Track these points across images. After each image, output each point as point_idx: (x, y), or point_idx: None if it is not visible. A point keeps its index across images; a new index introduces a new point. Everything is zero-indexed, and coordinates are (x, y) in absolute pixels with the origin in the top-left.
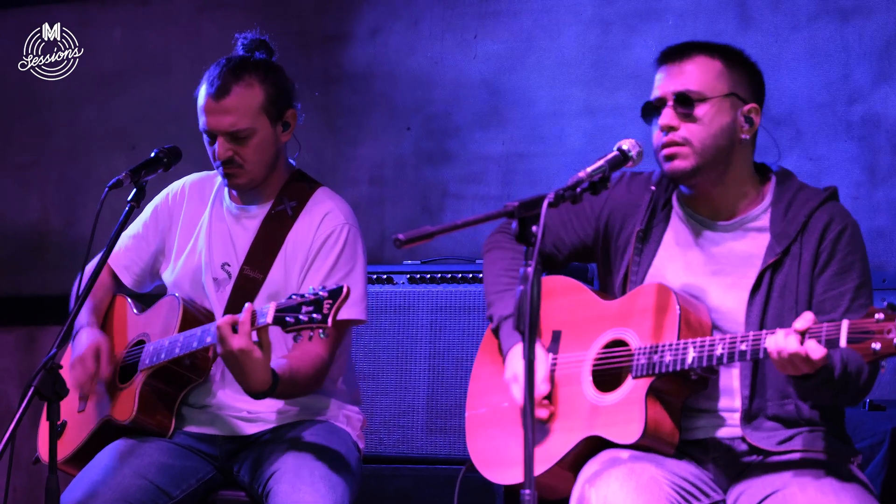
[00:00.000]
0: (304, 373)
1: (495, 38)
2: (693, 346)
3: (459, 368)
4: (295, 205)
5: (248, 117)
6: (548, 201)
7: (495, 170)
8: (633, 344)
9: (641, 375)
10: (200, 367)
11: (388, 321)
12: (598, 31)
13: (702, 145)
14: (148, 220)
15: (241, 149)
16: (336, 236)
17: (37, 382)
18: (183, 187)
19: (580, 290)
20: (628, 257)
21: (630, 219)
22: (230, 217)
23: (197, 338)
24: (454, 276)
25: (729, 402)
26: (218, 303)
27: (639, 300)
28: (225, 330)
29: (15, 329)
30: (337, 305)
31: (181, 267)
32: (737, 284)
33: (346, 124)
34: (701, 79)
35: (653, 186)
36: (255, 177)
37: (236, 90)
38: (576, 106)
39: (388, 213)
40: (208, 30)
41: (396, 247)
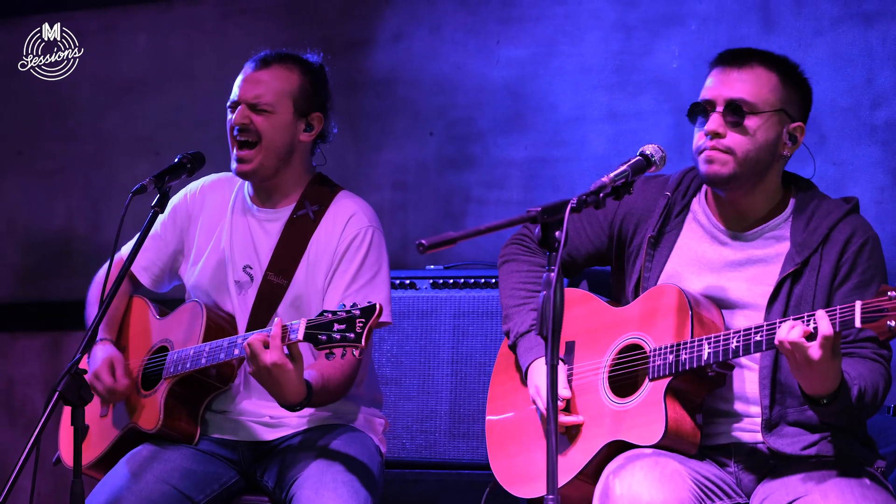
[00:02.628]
0: (336, 380)
1: (518, 43)
2: (707, 342)
3: (482, 373)
4: (317, 209)
5: (275, 95)
6: (571, 206)
7: (518, 175)
8: (647, 347)
9: (659, 377)
10: (226, 375)
11: (411, 326)
12: (620, 36)
13: (745, 157)
14: (166, 220)
15: (258, 119)
16: (361, 239)
17: (62, 387)
18: (202, 187)
19: (590, 299)
20: (640, 263)
21: (643, 224)
22: (252, 219)
23: (224, 350)
24: (477, 281)
25: (749, 408)
26: (240, 307)
27: (650, 303)
28: (256, 346)
29: (40, 335)
30: (370, 325)
31: (202, 267)
32: (754, 292)
33: (369, 129)
34: (756, 90)
35: (668, 192)
36: (265, 161)
37: (275, 67)
38: (598, 111)
39: (411, 219)
40: (233, 35)
41: (419, 252)
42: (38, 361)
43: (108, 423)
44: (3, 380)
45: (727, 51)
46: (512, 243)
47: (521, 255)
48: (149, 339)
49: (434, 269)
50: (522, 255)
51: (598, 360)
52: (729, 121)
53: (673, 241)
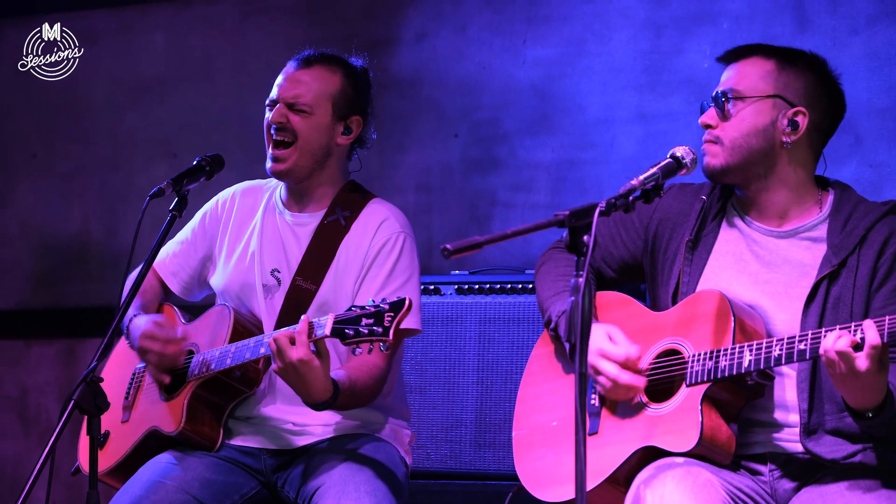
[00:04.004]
0: (364, 383)
1: (545, 42)
2: (749, 348)
3: (509, 382)
4: (348, 215)
5: (314, 96)
6: (599, 210)
7: (545, 177)
8: (686, 352)
9: (696, 382)
10: (251, 379)
11: (436, 333)
12: (650, 36)
13: (732, 144)
14: (197, 226)
15: (295, 119)
16: (392, 244)
17: (77, 396)
18: (234, 194)
19: (629, 303)
20: (678, 268)
21: (679, 228)
22: (283, 223)
23: (250, 349)
24: (503, 286)
25: (787, 416)
26: (267, 311)
27: (691, 308)
28: (282, 342)
29: (55, 341)
30: (399, 318)
31: (231, 271)
32: (791, 295)
33: (393, 131)
34: (745, 78)
35: (704, 196)
36: (300, 161)
37: (317, 68)
38: (628, 112)
39: (436, 222)
40: (253, 35)
41: (444, 257)
42: (52, 369)
43: (130, 429)
44: (17, 388)
45: (734, 47)
46: (550, 248)
47: (558, 254)
48: None
49: (459, 275)
50: (560, 254)
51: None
52: (717, 111)
53: (711, 244)
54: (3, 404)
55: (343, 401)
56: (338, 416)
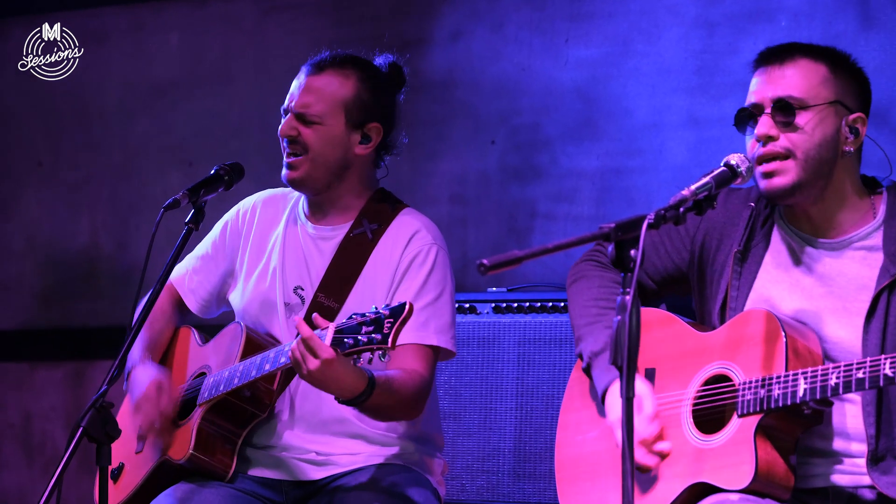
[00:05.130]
0: (402, 382)
1: (588, 42)
2: (804, 376)
3: (550, 407)
4: (376, 227)
5: (324, 105)
6: (648, 222)
7: (589, 187)
8: (736, 379)
9: (748, 413)
10: (262, 401)
11: (471, 355)
12: (702, 34)
13: (805, 156)
14: (217, 238)
15: (305, 131)
16: (424, 256)
17: (85, 423)
18: (255, 204)
19: (673, 322)
20: (726, 281)
21: (727, 239)
22: (305, 237)
23: (256, 365)
24: (544, 305)
25: (850, 445)
26: (288, 331)
27: (740, 330)
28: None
29: (62, 364)
30: (398, 325)
31: (252, 289)
32: (849, 309)
33: (425, 137)
34: (804, 84)
35: (752, 203)
36: (313, 173)
37: (329, 73)
38: (678, 116)
39: (471, 236)
40: (274, 35)
41: (480, 273)
42: (59, 393)
43: (144, 459)
44: (21, 414)
45: (767, 49)
46: (583, 261)
47: (592, 270)
48: (188, 367)
49: (496, 292)
50: (594, 271)
51: (682, 392)
52: (779, 121)
53: (760, 255)
54: (6, 431)
55: (379, 399)
56: (366, 445)
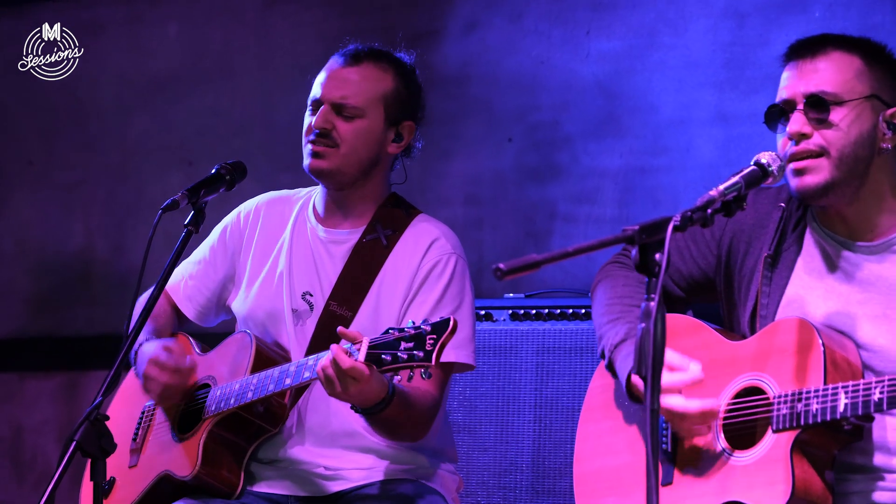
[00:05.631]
0: (417, 400)
1: (611, 33)
2: (844, 391)
3: (570, 420)
4: (390, 234)
5: (365, 98)
6: (674, 224)
7: (612, 187)
8: (770, 391)
9: (784, 428)
10: (276, 415)
11: (487, 365)
12: (731, 25)
13: (840, 154)
14: (216, 243)
15: (342, 125)
16: (443, 266)
17: (79, 436)
18: (258, 206)
19: (702, 329)
20: (756, 287)
21: (756, 243)
22: (315, 240)
23: (274, 380)
24: (564, 311)
25: (893, 459)
26: (296, 339)
27: (773, 339)
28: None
29: (55, 374)
30: (442, 341)
31: (255, 295)
32: (891, 317)
33: (438, 135)
34: (837, 78)
35: (782, 203)
36: (344, 167)
37: (368, 65)
38: (706, 112)
39: (487, 239)
40: (278, 27)
41: (497, 278)
42: (51, 406)
43: (139, 474)
44: (10, 427)
45: (797, 42)
46: (609, 263)
47: (617, 270)
48: None
49: (513, 298)
50: (619, 271)
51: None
52: (812, 118)
53: (792, 259)
54: None
55: (395, 410)
56: (377, 460)
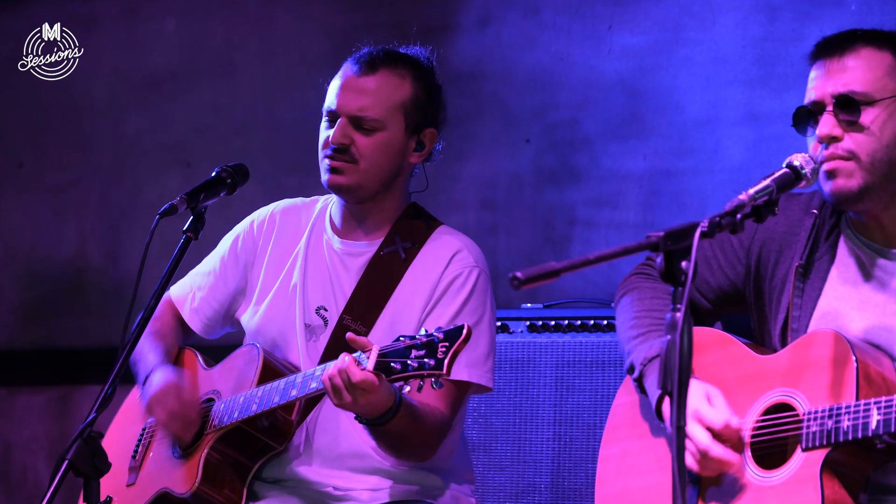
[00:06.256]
0: (425, 416)
1: (635, 28)
2: (877, 407)
3: (591, 437)
4: (410, 246)
5: (384, 108)
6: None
7: (635, 191)
8: (800, 408)
9: (814, 446)
10: (282, 431)
11: (504, 380)
12: (762, 19)
13: (871, 159)
14: (226, 253)
15: (362, 139)
16: (464, 279)
17: (72, 455)
18: (272, 214)
19: (730, 343)
20: (787, 299)
21: (787, 251)
22: (331, 253)
23: (279, 391)
24: (584, 323)
25: None
26: (307, 355)
27: (805, 353)
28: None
29: (45, 389)
30: (455, 349)
31: (266, 308)
32: None
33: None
34: (868, 76)
35: (814, 210)
36: (364, 183)
37: (384, 73)
38: (735, 111)
39: (502, 245)
40: (282, 21)
41: (513, 287)
42: (42, 422)
43: (137, 492)
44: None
45: (824, 39)
46: (632, 274)
47: (643, 281)
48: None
49: (531, 309)
50: (645, 282)
51: (739, 421)
52: (842, 119)
53: (825, 269)
54: None
55: (402, 422)
56: (387, 481)
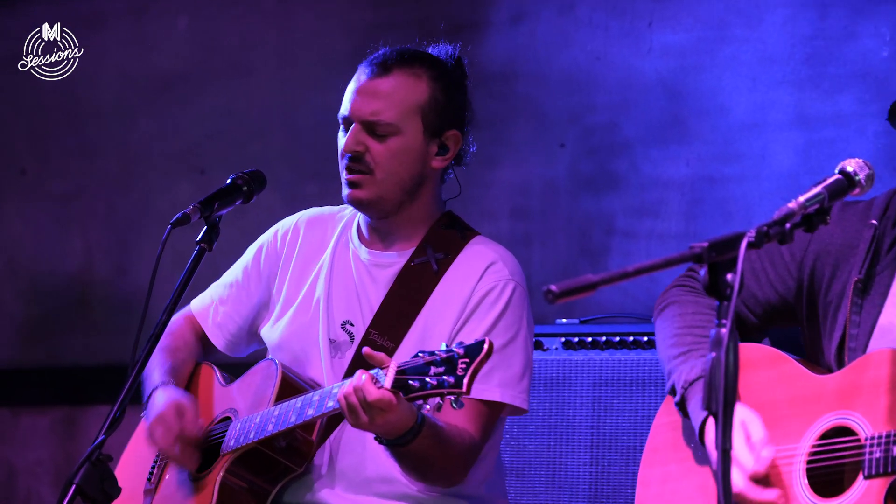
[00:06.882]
0: (451, 437)
1: (676, 25)
2: None
3: (630, 461)
4: (442, 257)
5: (398, 111)
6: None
7: (677, 199)
8: (861, 432)
9: (877, 474)
10: (301, 452)
11: (538, 400)
12: (812, 16)
13: None
14: (250, 264)
15: (376, 146)
16: (498, 293)
17: (79, 479)
18: (297, 224)
19: (783, 361)
20: (844, 316)
21: (844, 265)
22: (357, 264)
23: (296, 410)
24: (623, 339)
25: None
26: (332, 372)
27: (864, 373)
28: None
29: (50, 410)
30: (475, 366)
31: (289, 322)
32: None
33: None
34: None
35: (874, 220)
36: (384, 194)
37: (398, 74)
38: (784, 114)
39: (536, 257)
40: (301, 18)
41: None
42: (46, 445)
43: None
44: (2, 469)
45: None
46: (672, 286)
47: (684, 295)
48: (212, 411)
49: (566, 324)
50: (687, 296)
51: (793, 446)
52: None
53: (886, 284)
54: None
55: (425, 444)
56: None
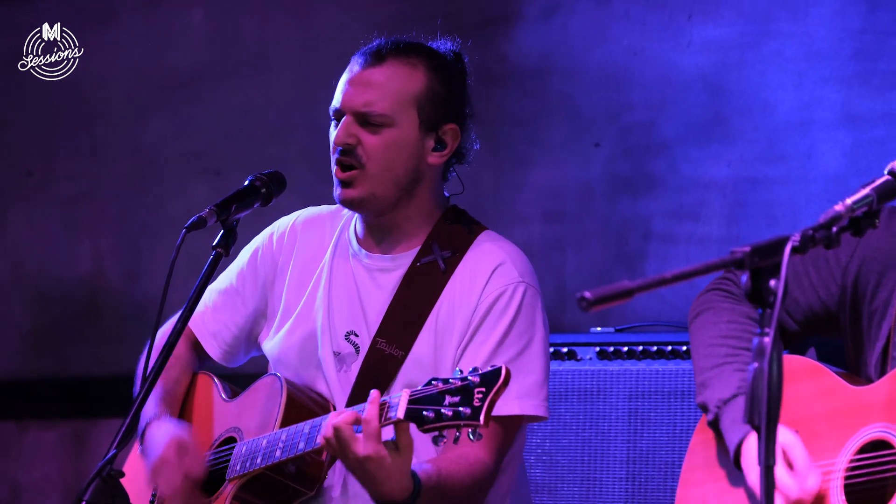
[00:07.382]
0: (458, 481)
1: (718, 18)
2: None
3: (669, 477)
4: (449, 255)
5: (392, 102)
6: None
7: (718, 201)
8: None
9: None
10: (310, 476)
11: (570, 412)
12: (861, 8)
13: None
14: (245, 268)
15: (369, 138)
16: (508, 298)
17: (89, 496)
18: (293, 225)
19: (820, 373)
20: (888, 325)
21: (891, 272)
22: (359, 269)
23: (305, 435)
24: (661, 349)
25: None
26: (339, 386)
27: None
28: (345, 432)
29: (58, 423)
30: (492, 396)
31: (288, 334)
32: None
33: (513, 139)
34: None
35: None
36: (377, 192)
37: (392, 63)
38: (831, 112)
39: (570, 262)
40: (323, 12)
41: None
42: (54, 460)
43: None
44: (8, 485)
45: None
46: (708, 290)
47: (721, 301)
48: (213, 429)
49: (601, 333)
50: (723, 302)
51: (831, 460)
52: None
53: None
54: None
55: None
56: None
